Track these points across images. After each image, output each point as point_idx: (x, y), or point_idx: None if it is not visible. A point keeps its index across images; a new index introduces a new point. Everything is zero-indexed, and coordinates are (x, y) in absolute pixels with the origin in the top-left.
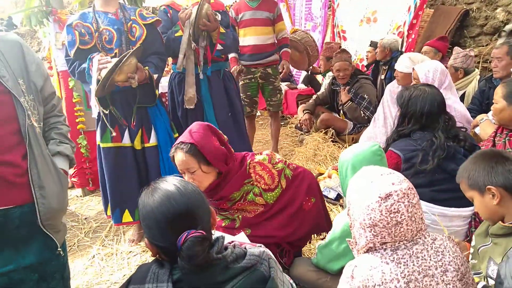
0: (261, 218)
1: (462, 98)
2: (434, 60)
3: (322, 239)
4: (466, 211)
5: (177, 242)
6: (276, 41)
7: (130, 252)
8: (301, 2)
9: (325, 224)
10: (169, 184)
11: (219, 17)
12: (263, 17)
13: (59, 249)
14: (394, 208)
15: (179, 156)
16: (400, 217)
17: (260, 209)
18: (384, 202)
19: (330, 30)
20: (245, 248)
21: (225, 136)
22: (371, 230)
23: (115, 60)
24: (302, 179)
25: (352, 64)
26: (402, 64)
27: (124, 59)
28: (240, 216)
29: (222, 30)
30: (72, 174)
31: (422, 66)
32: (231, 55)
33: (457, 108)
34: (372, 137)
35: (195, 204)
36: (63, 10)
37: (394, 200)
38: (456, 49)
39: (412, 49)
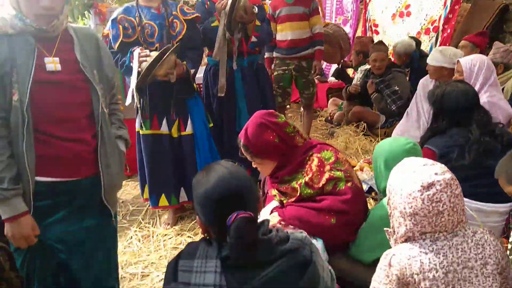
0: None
1: None
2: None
3: None
4: (503, 207)
5: (227, 221)
6: (311, 35)
7: (165, 235)
8: None
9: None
10: (222, 167)
11: (255, 10)
12: (299, 12)
13: (113, 219)
14: (436, 198)
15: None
16: (442, 207)
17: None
18: (426, 191)
19: (361, 24)
20: (288, 232)
21: (291, 125)
22: (412, 219)
23: (154, 53)
24: (345, 195)
25: (388, 57)
26: (433, 58)
27: (165, 57)
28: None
29: (257, 23)
30: None
31: (467, 59)
32: (266, 55)
33: (501, 105)
34: (405, 131)
35: (245, 188)
36: (103, 3)
37: (437, 190)
38: (496, 43)
39: (447, 44)
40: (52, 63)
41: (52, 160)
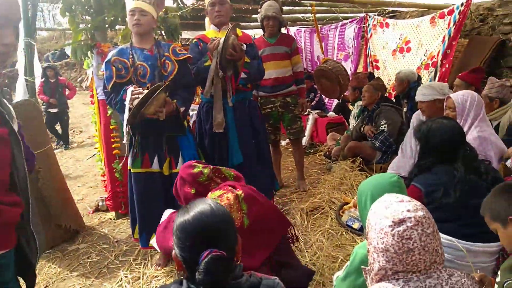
0: None
1: (496, 128)
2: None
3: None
4: (492, 246)
5: (200, 258)
6: (293, 73)
7: (155, 276)
8: (334, 32)
9: None
10: (206, 204)
11: (244, 47)
12: (281, 51)
13: None
14: (406, 235)
15: None
16: (412, 245)
17: None
18: (396, 227)
19: (362, 59)
20: (261, 278)
21: (205, 174)
22: (384, 255)
23: (146, 91)
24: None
25: (378, 91)
26: (423, 94)
27: (154, 95)
28: None
29: (247, 59)
30: (107, 198)
31: (458, 95)
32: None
33: (493, 140)
34: (400, 167)
35: (224, 227)
36: (106, 43)
37: (407, 227)
38: (491, 79)
39: (445, 79)
40: None
41: None
